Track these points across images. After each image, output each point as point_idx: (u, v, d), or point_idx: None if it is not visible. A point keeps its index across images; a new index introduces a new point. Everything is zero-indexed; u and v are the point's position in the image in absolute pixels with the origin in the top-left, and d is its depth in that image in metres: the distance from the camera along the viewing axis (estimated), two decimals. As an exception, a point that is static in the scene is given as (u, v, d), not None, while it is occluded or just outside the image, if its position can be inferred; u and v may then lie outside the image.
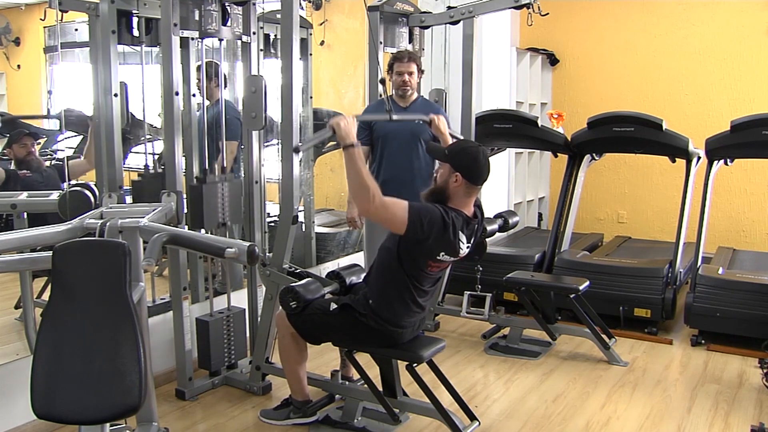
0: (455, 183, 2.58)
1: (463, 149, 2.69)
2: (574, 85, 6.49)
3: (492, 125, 4.66)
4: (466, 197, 2.62)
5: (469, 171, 2.58)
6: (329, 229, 5.14)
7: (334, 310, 2.75)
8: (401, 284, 2.64)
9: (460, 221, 2.59)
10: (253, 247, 2.23)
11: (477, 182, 2.61)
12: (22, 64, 4.50)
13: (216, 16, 3.19)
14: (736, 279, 4.06)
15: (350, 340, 2.82)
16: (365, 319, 2.69)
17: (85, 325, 1.97)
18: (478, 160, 2.60)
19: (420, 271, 2.64)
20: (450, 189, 2.60)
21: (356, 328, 2.72)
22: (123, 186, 3.22)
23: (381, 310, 2.67)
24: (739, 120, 4.13)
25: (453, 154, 2.64)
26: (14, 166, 3.68)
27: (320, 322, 2.78)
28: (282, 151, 3.12)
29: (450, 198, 2.61)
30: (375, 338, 2.72)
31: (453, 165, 2.60)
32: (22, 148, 3.78)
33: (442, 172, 2.64)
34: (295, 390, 2.97)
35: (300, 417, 2.96)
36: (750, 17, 5.64)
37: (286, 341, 2.89)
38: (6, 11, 4.61)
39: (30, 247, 2.38)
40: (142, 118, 3.57)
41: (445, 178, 2.61)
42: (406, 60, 3.43)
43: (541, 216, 6.74)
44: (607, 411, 3.18)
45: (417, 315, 2.75)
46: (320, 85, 4.90)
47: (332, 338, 2.85)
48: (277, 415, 3.01)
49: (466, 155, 2.62)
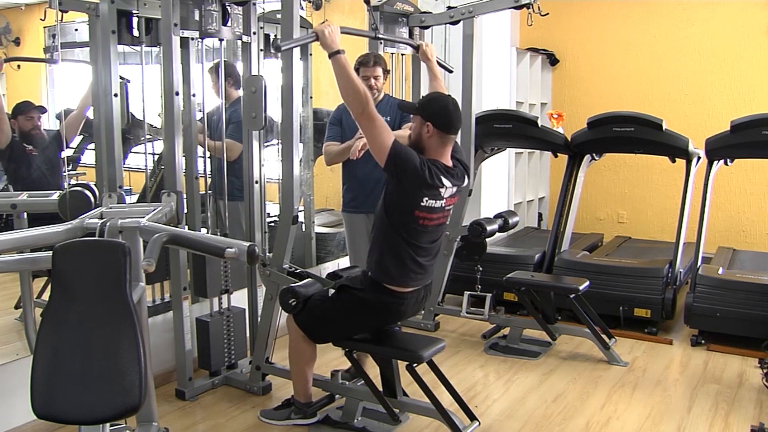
0: (428, 134, 2.60)
1: (432, 99, 2.74)
2: (574, 85, 6.49)
3: (492, 125, 4.66)
4: (440, 147, 2.63)
5: (440, 119, 2.60)
6: (329, 229, 5.14)
7: (333, 295, 2.77)
8: (394, 243, 2.63)
9: (438, 167, 2.59)
10: (253, 247, 2.23)
11: (449, 130, 2.62)
12: (22, 64, 4.50)
13: (216, 16, 3.19)
14: (736, 279, 4.06)
15: (352, 324, 2.78)
16: (363, 293, 2.68)
17: (85, 325, 1.97)
18: (447, 108, 2.63)
19: (411, 224, 2.61)
20: (424, 140, 2.62)
21: (356, 308, 2.71)
22: (123, 186, 3.22)
23: (379, 276, 2.66)
24: (739, 120, 4.13)
25: (422, 105, 2.68)
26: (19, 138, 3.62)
27: (320, 315, 2.77)
28: (282, 151, 3.12)
29: (425, 150, 2.62)
30: (376, 314, 2.71)
31: (423, 116, 2.62)
32: (28, 121, 3.73)
33: (415, 125, 2.67)
34: (299, 391, 2.97)
35: (301, 418, 2.96)
36: (750, 17, 5.64)
37: (297, 343, 2.87)
38: (6, 11, 4.61)
39: (30, 247, 2.38)
40: (142, 118, 3.58)
41: (417, 130, 2.64)
42: (372, 64, 3.43)
43: (541, 216, 6.74)
44: (607, 411, 3.18)
45: (418, 277, 2.70)
46: (320, 85, 4.89)
47: (335, 328, 2.81)
48: (277, 416, 3.01)
49: (436, 104, 2.65)
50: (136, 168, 4.01)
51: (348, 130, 3.42)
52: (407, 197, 2.58)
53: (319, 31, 2.65)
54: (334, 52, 2.58)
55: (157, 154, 4.16)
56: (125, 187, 3.30)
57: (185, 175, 3.25)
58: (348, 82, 2.54)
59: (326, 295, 2.80)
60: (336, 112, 3.62)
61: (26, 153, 3.54)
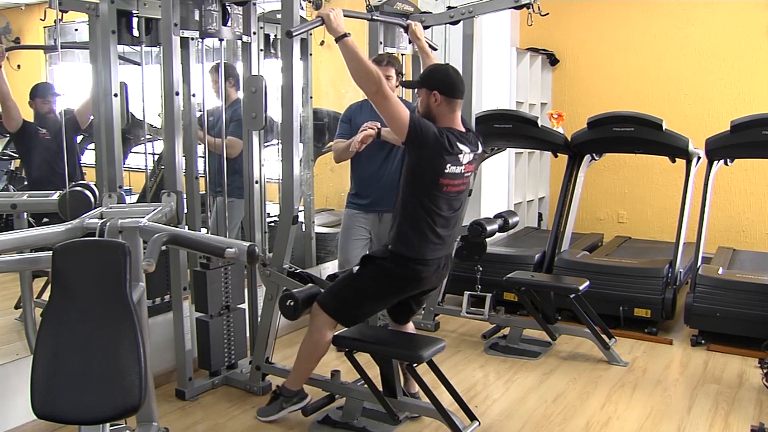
0: (436, 102, 2.67)
1: (433, 69, 2.84)
2: (574, 85, 6.49)
3: (492, 125, 4.66)
4: (450, 113, 2.70)
5: (444, 85, 2.67)
6: (329, 229, 5.14)
7: (357, 271, 2.80)
8: (414, 214, 2.68)
9: (454, 134, 2.66)
10: (253, 247, 2.23)
11: (455, 94, 2.69)
12: (22, 64, 4.50)
13: (216, 16, 3.19)
14: (736, 279, 4.05)
15: (380, 295, 2.81)
16: (386, 262, 2.73)
17: (85, 325, 1.97)
18: (449, 74, 2.72)
19: (434, 192, 2.65)
20: (433, 110, 2.69)
21: (381, 277, 2.75)
22: (123, 186, 3.22)
23: (399, 247, 2.71)
24: (739, 120, 4.13)
25: (425, 77, 2.77)
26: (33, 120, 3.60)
27: (350, 295, 2.80)
28: (282, 151, 3.12)
29: (436, 118, 2.68)
30: (400, 282, 2.75)
31: (428, 86, 2.69)
32: (44, 104, 3.75)
33: (422, 99, 2.73)
34: (295, 381, 2.98)
35: (292, 405, 2.98)
36: (750, 17, 5.64)
37: (319, 334, 2.82)
38: (6, 11, 4.62)
39: (30, 247, 2.38)
40: (142, 118, 3.57)
41: (425, 102, 2.70)
42: (385, 63, 3.48)
43: (541, 216, 6.74)
44: (607, 411, 3.18)
45: (437, 248, 2.74)
46: (320, 85, 4.90)
47: (364, 303, 2.81)
48: (271, 410, 3.01)
49: (438, 73, 2.75)
50: (136, 168, 4.01)
51: (357, 128, 3.45)
52: (432, 165, 2.62)
53: (324, 15, 2.68)
54: (341, 36, 2.60)
55: (157, 154, 4.16)
56: (125, 187, 3.30)
57: (185, 175, 3.26)
58: (359, 64, 2.56)
59: (350, 274, 2.83)
60: (347, 110, 3.71)
61: (39, 137, 3.52)
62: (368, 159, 3.54)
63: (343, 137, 3.58)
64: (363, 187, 3.66)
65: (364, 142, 3.33)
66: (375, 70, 2.57)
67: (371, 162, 3.58)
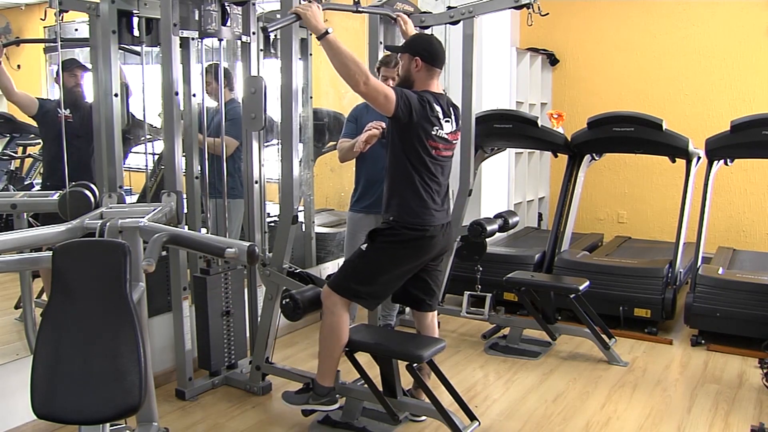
0: (416, 68, 2.76)
1: (418, 36, 3.01)
2: (574, 85, 6.49)
3: (492, 125, 4.65)
4: (428, 79, 2.79)
5: (427, 53, 2.76)
6: (329, 229, 5.14)
7: (366, 247, 2.80)
8: (410, 178, 2.74)
9: (430, 95, 2.74)
10: (253, 247, 2.23)
11: (435, 62, 2.78)
12: (22, 64, 4.49)
13: (216, 16, 3.18)
14: (736, 279, 4.06)
15: (394, 263, 2.78)
16: (392, 231, 2.75)
17: (85, 325, 1.97)
18: (432, 43, 2.82)
19: (425, 157, 2.72)
20: (413, 75, 2.78)
21: (392, 246, 2.76)
22: (123, 186, 3.22)
23: (402, 216, 2.75)
24: (739, 120, 4.13)
25: (409, 44, 2.90)
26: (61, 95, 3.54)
27: (363, 270, 2.78)
28: (282, 151, 3.12)
29: (414, 83, 2.78)
30: (410, 249, 2.77)
31: (411, 52, 2.78)
32: (72, 78, 3.74)
33: (403, 63, 2.82)
34: (325, 374, 2.84)
35: (320, 404, 2.86)
36: (750, 17, 5.64)
37: (335, 319, 2.77)
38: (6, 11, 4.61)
39: (30, 247, 2.38)
40: (142, 118, 3.57)
41: (406, 67, 2.80)
42: (393, 65, 3.50)
43: (541, 216, 6.74)
44: (607, 411, 3.18)
45: (436, 213, 2.79)
46: (320, 85, 4.89)
47: (380, 277, 2.78)
48: (297, 399, 2.91)
49: (422, 41, 2.87)
50: (136, 168, 4.00)
51: (364, 128, 3.46)
52: (422, 128, 2.70)
53: (300, 12, 2.67)
54: (322, 34, 2.61)
55: (157, 154, 4.16)
56: (125, 187, 3.30)
57: (185, 175, 3.26)
58: (343, 58, 2.57)
59: (358, 252, 2.82)
60: (354, 110, 3.72)
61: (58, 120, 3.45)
62: (373, 159, 3.54)
63: (349, 137, 3.58)
64: (367, 187, 3.66)
65: (368, 142, 3.33)
66: (360, 63, 2.59)
67: (376, 162, 3.58)
